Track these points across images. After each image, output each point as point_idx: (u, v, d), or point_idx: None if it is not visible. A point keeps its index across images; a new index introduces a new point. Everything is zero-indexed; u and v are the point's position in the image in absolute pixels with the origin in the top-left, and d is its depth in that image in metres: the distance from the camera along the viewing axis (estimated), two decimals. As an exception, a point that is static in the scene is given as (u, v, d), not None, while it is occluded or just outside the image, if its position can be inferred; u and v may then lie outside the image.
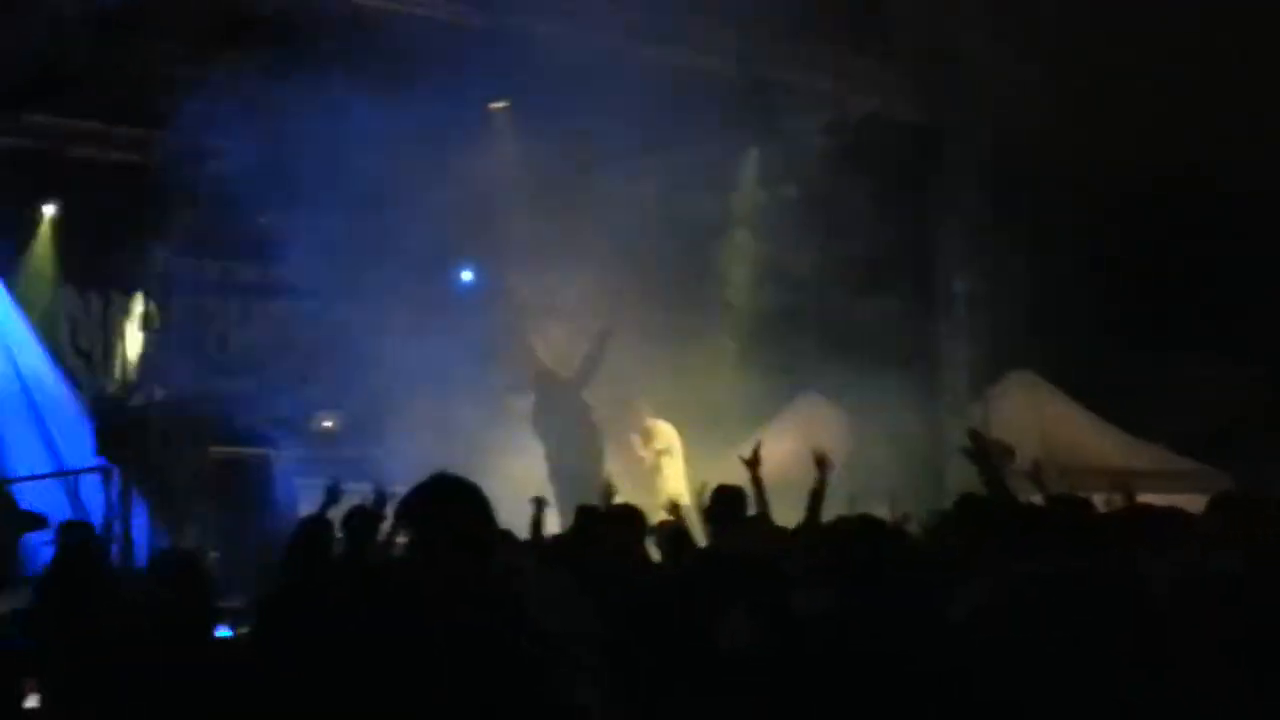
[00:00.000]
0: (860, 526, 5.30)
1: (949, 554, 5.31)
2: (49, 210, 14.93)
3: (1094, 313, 15.31)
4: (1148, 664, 4.17)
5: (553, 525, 10.52)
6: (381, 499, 8.44)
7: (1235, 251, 14.88)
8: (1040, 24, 11.80)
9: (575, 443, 14.58)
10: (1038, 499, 7.52)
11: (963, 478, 9.05)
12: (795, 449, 15.75)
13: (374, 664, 3.94)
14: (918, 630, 4.38)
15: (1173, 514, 5.63)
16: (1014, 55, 12.40)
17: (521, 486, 10.54)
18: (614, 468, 13.84)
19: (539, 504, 9.27)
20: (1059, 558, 5.01)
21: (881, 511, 8.44)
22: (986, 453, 7.26)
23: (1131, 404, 15.11)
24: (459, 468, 4.31)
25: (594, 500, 9.40)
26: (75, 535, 8.47)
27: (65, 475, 13.87)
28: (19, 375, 14.91)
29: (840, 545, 5.19)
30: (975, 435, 7.45)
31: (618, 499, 9.30)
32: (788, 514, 8.27)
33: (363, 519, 8.17)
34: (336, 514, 8.34)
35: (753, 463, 8.75)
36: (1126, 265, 15.42)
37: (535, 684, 3.79)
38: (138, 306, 14.79)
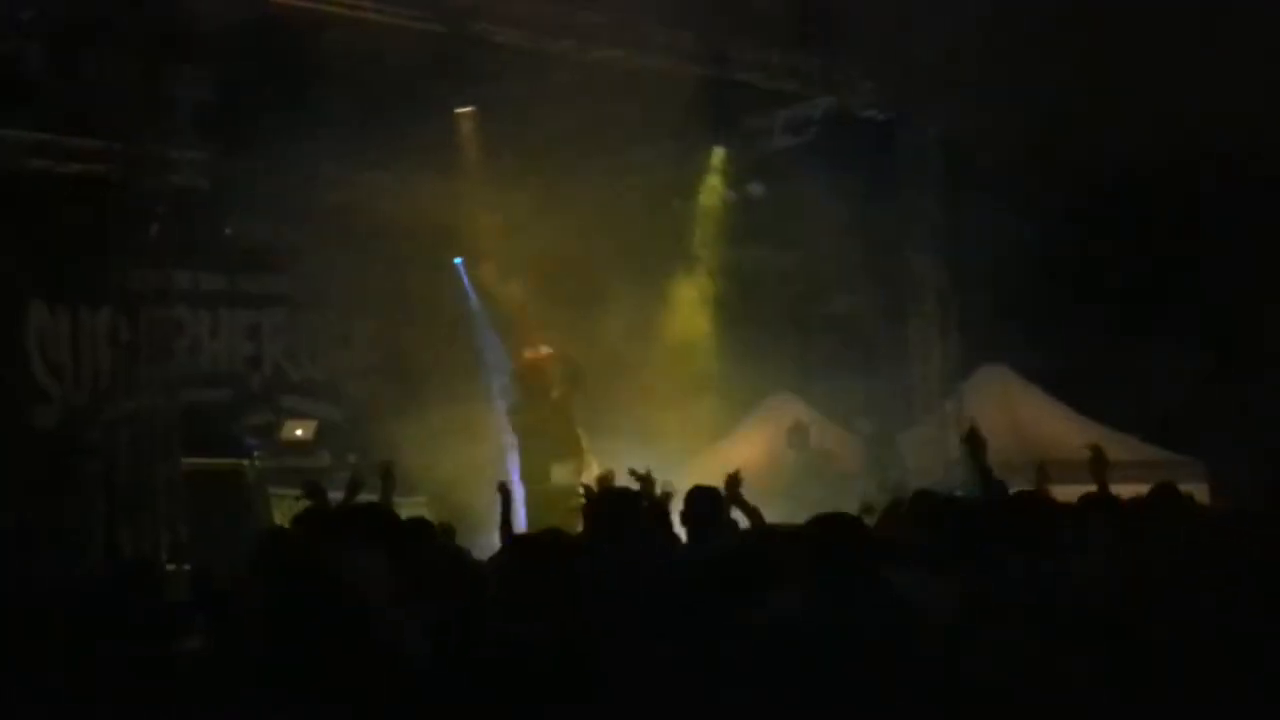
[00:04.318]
0: (833, 525, 5.26)
1: (913, 551, 5.31)
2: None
3: (1063, 305, 15.37)
4: (1119, 661, 4.19)
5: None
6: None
7: (1200, 243, 14.96)
8: (1002, 18, 11.83)
9: (556, 458, 14.49)
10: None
11: (930, 471, 9.07)
12: (769, 448, 15.86)
13: None
14: (890, 629, 4.37)
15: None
16: (977, 50, 12.42)
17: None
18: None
19: (505, 492, 9.11)
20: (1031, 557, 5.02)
21: (851, 508, 8.42)
22: (982, 444, 7.42)
23: (1102, 395, 15.15)
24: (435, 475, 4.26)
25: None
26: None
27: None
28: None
29: (814, 544, 5.16)
30: (973, 430, 7.62)
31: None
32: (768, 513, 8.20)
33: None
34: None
35: (731, 482, 8.56)
36: (1094, 257, 15.48)
37: None
38: (105, 319, 14.68)
